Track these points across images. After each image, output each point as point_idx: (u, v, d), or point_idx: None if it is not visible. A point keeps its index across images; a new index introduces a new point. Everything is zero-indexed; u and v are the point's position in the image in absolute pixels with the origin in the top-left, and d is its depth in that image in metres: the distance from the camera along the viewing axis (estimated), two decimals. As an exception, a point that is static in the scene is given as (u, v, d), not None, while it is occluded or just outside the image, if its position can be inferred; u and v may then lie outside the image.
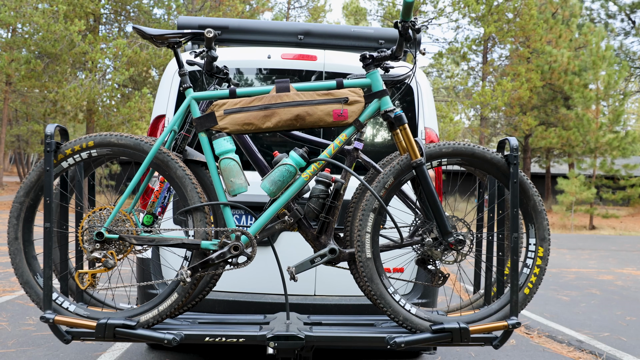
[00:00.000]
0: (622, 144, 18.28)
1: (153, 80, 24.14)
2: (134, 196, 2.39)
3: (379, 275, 2.24)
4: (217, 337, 2.23)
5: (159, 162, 2.28)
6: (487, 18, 18.14)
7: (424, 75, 3.39)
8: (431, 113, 3.24)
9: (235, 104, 2.20)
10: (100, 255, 2.20)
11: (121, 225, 2.24)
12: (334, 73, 3.15)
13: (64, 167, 2.26)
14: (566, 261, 10.14)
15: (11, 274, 6.69)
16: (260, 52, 3.20)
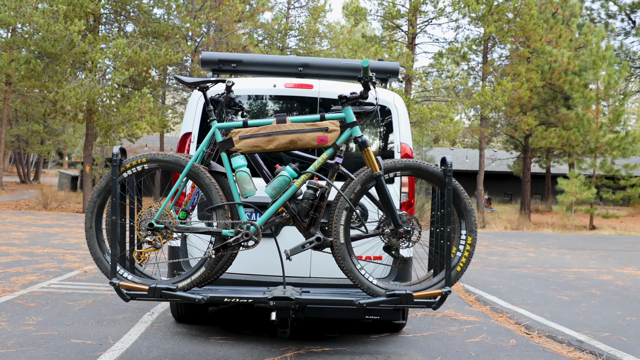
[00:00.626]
0: (622, 144, 18.27)
1: (153, 80, 24.14)
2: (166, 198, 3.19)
3: (350, 256, 3.06)
4: (233, 298, 3.05)
5: (193, 173, 3.06)
6: (487, 18, 18.13)
7: (400, 100, 4.09)
8: (406, 131, 4.06)
9: (247, 132, 3.05)
10: (151, 239, 3.04)
11: (165, 219, 3.06)
12: (327, 99, 3.81)
13: (124, 177, 3.10)
14: (566, 261, 10.14)
15: (11, 274, 6.68)
16: (267, 82, 3.96)
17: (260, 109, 4.06)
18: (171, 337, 4.19)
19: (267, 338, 4.26)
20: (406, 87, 20.36)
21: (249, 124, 3.08)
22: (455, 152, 38.36)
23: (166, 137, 35.19)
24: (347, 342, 4.22)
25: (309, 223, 3.11)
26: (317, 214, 3.09)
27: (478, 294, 6.48)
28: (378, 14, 21.10)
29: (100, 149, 27.29)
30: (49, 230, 12.16)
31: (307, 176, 3.08)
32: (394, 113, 4.02)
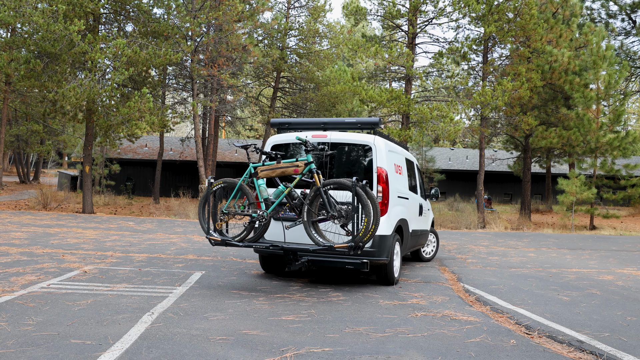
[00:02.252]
0: (623, 144, 18.26)
1: (153, 80, 24.12)
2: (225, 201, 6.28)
3: (309, 227, 5.67)
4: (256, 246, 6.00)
5: (240, 187, 6.00)
6: (488, 18, 18.11)
7: (379, 139, 6.60)
8: (382, 159, 6.46)
9: (263, 168, 5.89)
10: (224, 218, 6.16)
11: (230, 209, 6.13)
12: (334, 142, 6.62)
13: (213, 190, 6.06)
14: (567, 261, 10.13)
15: (11, 274, 6.67)
16: (304, 135, 6.62)
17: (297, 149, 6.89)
18: (171, 337, 4.19)
19: (267, 338, 4.26)
20: (406, 87, 20.35)
21: (265, 164, 6.03)
22: (456, 152, 38.35)
23: (166, 137, 35.21)
24: (347, 342, 4.21)
25: (299, 212, 5.90)
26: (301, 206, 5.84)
27: (478, 294, 6.47)
28: (378, 14, 21.09)
29: (100, 148, 27.29)
30: (49, 230, 12.16)
31: (289, 189, 5.85)
32: (374, 149, 6.51)
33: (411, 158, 8.38)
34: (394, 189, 6.67)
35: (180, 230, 13.77)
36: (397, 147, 7.46)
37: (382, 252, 6.32)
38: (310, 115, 28.55)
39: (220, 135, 36.68)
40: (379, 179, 6.36)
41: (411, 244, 7.86)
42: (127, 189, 29.15)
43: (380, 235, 6.24)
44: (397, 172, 6.97)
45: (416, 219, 8.01)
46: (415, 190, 8.23)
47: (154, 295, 5.77)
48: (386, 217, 6.38)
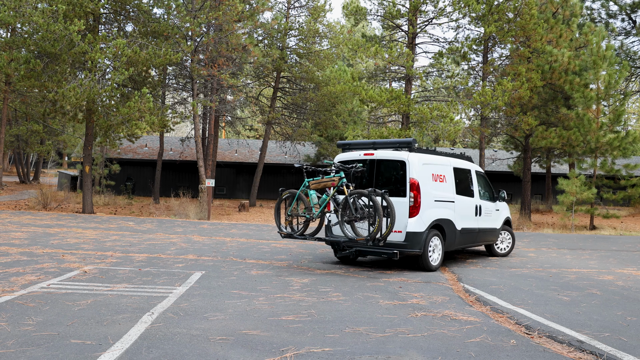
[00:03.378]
0: (623, 144, 18.25)
1: (152, 80, 24.11)
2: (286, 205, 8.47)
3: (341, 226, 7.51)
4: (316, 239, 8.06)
5: (299, 196, 8.11)
6: (488, 18, 18.11)
7: (412, 155, 7.97)
8: (414, 172, 7.85)
9: (313, 182, 7.93)
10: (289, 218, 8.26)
11: (293, 211, 8.18)
12: (380, 159, 8.21)
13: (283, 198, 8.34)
14: (567, 261, 10.13)
15: (11, 274, 6.67)
16: (357, 153, 8.47)
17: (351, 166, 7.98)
18: (171, 337, 4.19)
19: (267, 338, 4.25)
20: (406, 87, 20.35)
21: (314, 179, 7.92)
22: (456, 152, 38.32)
23: (166, 137, 35.21)
24: (347, 342, 4.21)
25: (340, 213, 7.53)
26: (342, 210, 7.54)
27: (478, 294, 6.47)
28: (378, 14, 21.08)
29: (100, 148, 27.29)
30: (49, 230, 12.16)
31: (330, 197, 7.71)
32: (407, 163, 7.92)
33: (464, 166, 9.35)
34: (429, 194, 8.03)
35: (180, 230, 13.77)
36: (440, 159, 8.67)
37: (414, 245, 7.75)
38: (310, 114, 28.58)
39: (220, 135, 36.69)
40: (411, 187, 7.81)
41: (464, 240, 8.95)
42: (127, 189, 29.14)
43: (411, 231, 7.72)
44: (435, 180, 8.28)
45: (471, 218, 9.06)
46: (471, 194, 9.23)
47: (154, 295, 5.77)
48: (417, 217, 7.81)
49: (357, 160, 8.34)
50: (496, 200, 10.17)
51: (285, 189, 8.35)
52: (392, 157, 8.10)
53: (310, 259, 9.27)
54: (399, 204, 7.80)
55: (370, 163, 8.24)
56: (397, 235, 7.76)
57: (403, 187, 7.86)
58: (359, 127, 28.91)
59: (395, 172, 8.11)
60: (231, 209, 25.23)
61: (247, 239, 12.15)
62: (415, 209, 7.76)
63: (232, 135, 45.46)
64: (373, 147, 8.47)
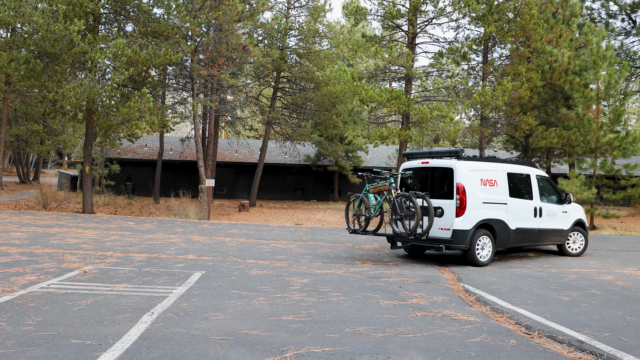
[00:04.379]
0: (623, 144, 18.24)
1: (152, 80, 24.11)
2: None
3: (393, 223, 9.14)
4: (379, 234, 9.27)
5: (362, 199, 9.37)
6: (488, 18, 18.10)
7: (460, 163, 9.04)
8: (461, 177, 8.87)
9: (372, 187, 9.24)
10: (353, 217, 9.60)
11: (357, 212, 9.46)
12: (435, 167, 9.43)
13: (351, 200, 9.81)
14: (567, 261, 10.13)
15: (11, 274, 6.67)
16: (416, 162, 9.83)
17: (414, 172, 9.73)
18: (171, 337, 4.19)
19: (267, 338, 4.25)
20: (406, 87, 20.34)
21: (372, 184, 9.23)
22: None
23: (166, 137, 35.20)
24: (347, 342, 4.21)
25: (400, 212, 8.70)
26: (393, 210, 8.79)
27: (478, 294, 6.47)
28: (378, 14, 21.08)
29: (100, 148, 27.29)
30: (49, 230, 12.15)
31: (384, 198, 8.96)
32: (455, 170, 8.98)
33: (522, 171, 10.16)
34: (476, 197, 9.03)
35: (180, 230, 13.77)
36: (491, 165, 9.64)
37: (460, 241, 8.79)
38: (310, 114, 28.59)
39: (220, 135, 36.68)
40: (457, 190, 8.87)
41: (520, 239, 9.76)
42: (127, 189, 29.14)
43: (457, 229, 8.79)
44: (483, 184, 9.25)
45: (528, 219, 9.88)
46: (529, 196, 10.07)
47: (154, 295, 5.77)
48: (463, 217, 8.84)
49: (416, 167, 9.72)
50: (563, 202, 10.76)
51: (353, 193, 9.87)
52: (442, 165, 9.31)
53: (310, 259, 9.27)
54: (447, 205, 8.95)
55: (426, 170, 9.58)
56: (445, 232, 8.88)
57: (451, 191, 8.96)
58: (359, 127, 28.91)
59: (445, 178, 9.23)
60: (231, 209, 25.23)
61: (247, 239, 12.15)
62: (461, 210, 8.83)
63: (232, 135, 45.46)
64: (429, 157, 9.70)
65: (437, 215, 8.90)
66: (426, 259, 9.89)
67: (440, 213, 8.91)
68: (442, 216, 8.93)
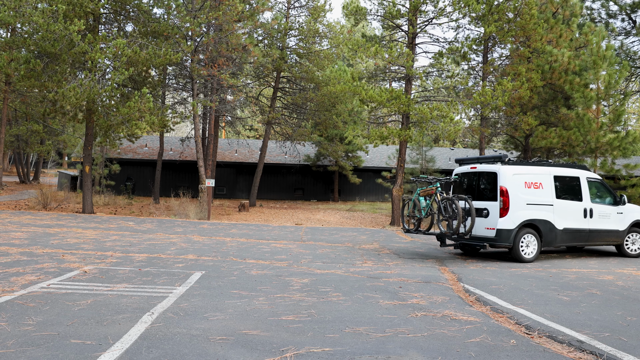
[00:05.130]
0: (623, 144, 18.24)
1: (152, 80, 24.11)
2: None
3: (438, 223, 9.65)
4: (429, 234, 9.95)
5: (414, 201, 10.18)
6: (488, 18, 18.09)
7: (503, 167, 9.76)
8: (504, 180, 9.60)
9: (421, 191, 9.98)
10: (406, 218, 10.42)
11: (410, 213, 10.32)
12: (482, 171, 10.17)
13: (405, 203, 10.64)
14: (566, 261, 10.13)
15: (11, 274, 6.66)
16: (466, 167, 10.61)
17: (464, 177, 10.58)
18: (171, 337, 4.18)
19: (267, 338, 4.25)
20: (406, 87, 20.34)
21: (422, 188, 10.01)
22: (456, 152, 38.31)
23: (166, 137, 35.20)
24: (347, 342, 4.21)
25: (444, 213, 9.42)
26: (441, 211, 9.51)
27: (478, 294, 6.47)
28: (378, 14, 21.07)
29: (100, 148, 27.28)
30: (49, 230, 12.15)
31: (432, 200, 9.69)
32: (498, 174, 9.72)
33: (571, 174, 10.56)
34: (519, 198, 9.66)
35: (180, 230, 13.77)
36: (536, 169, 10.14)
37: (503, 240, 9.49)
38: (310, 114, 28.59)
39: (220, 135, 36.68)
40: (501, 193, 9.59)
41: (569, 238, 10.19)
42: (127, 189, 29.14)
43: (500, 228, 9.50)
44: (528, 187, 9.84)
45: (577, 220, 10.30)
46: (578, 198, 10.51)
47: (154, 295, 5.77)
48: (506, 217, 9.53)
49: (466, 172, 10.52)
50: (618, 204, 11.05)
51: (408, 196, 10.92)
52: (488, 170, 10.05)
53: (310, 259, 9.27)
54: (492, 206, 9.71)
55: (474, 174, 10.37)
56: (490, 231, 9.62)
57: (495, 193, 9.71)
58: (359, 127, 28.90)
59: (490, 181, 9.98)
60: (231, 209, 25.23)
61: (247, 239, 12.15)
62: (505, 211, 9.54)
63: (232, 135, 45.45)
64: (478, 162, 10.47)
65: (483, 215, 9.74)
66: (427, 259, 9.89)
67: (486, 214, 9.73)
68: (488, 217, 9.72)
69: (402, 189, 19.97)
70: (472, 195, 10.13)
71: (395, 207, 19.54)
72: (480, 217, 9.81)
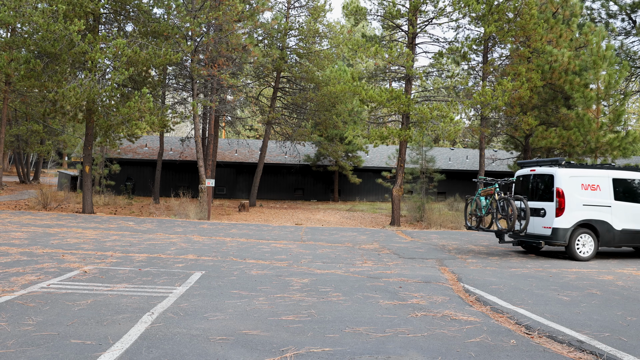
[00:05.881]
0: (623, 144, 18.25)
1: (152, 80, 24.11)
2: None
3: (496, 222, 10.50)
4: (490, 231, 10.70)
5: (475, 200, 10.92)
6: (488, 17, 18.09)
7: (560, 170, 10.36)
8: (560, 182, 10.22)
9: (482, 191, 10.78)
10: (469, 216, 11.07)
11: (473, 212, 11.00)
12: (538, 173, 10.86)
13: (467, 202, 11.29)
14: (566, 261, 10.13)
15: (11, 274, 6.66)
16: (527, 169, 11.23)
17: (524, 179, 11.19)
18: (171, 337, 4.19)
19: (267, 338, 4.25)
20: (406, 87, 20.34)
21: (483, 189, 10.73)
22: (456, 152, 38.32)
23: (166, 137, 35.20)
24: (347, 342, 4.21)
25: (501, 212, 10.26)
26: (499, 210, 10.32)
27: (478, 294, 6.47)
28: (378, 14, 21.07)
29: (100, 148, 27.28)
30: (49, 230, 12.15)
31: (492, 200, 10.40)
32: (555, 176, 10.30)
33: (632, 177, 10.89)
34: (575, 200, 10.20)
35: (180, 230, 13.77)
36: (593, 172, 10.59)
37: (558, 238, 10.07)
38: (310, 114, 28.58)
39: (220, 135, 36.68)
40: (557, 194, 10.19)
41: (628, 239, 10.55)
42: (127, 189, 29.14)
43: (556, 227, 10.10)
44: (584, 189, 10.33)
45: (636, 221, 10.60)
46: (637, 200, 10.75)
47: (154, 295, 5.77)
48: (562, 217, 10.10)
49: (526, 174, 11.10)
50: None
51: (470, 196, 11.50)
52: (545, 172, 10.64)
53: (310, 259, 9.27)
54: (549, 206, 10.31)
55: (534, 176, 10.93)
56: (547, 230, 10.25)
57: (552, 194, 10.29)
58: (359, 127, 28.90)
59: (548, 183, 10.52)
60: (231, 209, 25.23)
61: (247, 239, 12.15)
62: (560, 211, 10.12)
63: (232, 135, 45.46)
64: (537, 165, 11.11)
65: (540, 215, 10.37)
66: (427, 259, 9.89)
67: (543, 213, 10.34)
68: (545, 216, 10.32)
69: (402, 188, 19.97)
70: (532, 196, 10.74)
71: (395, 207, 19.54)
72: (538, 217, 10.42)
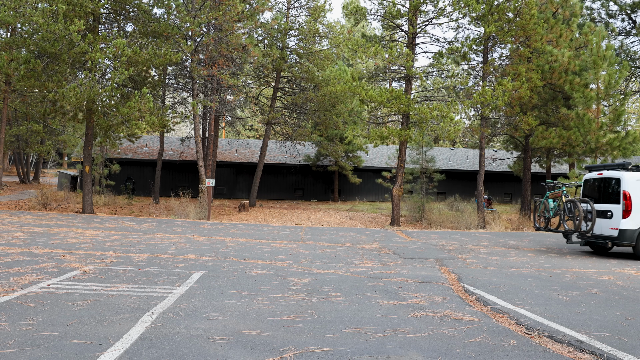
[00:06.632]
0: (623, 144, 18.24)
1: (153, 80, 24.11)
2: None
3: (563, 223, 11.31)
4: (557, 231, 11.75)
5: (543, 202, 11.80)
6: (488, 17, 18.09)
7: (627, 174, 10.71)
8: (627, 185, 10.61)
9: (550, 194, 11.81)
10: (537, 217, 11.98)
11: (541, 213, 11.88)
12: (607, 177, 11.16)
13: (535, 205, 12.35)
14: (566, 261, 10.13)
15: (11, 274, 6.66)
16: (594, 173, 11.64)
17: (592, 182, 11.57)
18: (171, 337, 4.19)
19: (267, 338, 4.25)
20: (406, 87, 20.34)
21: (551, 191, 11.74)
22: (456, 152, 38.32)
23: (166, 137, 35.19)
24: (347, 342, 4.21)
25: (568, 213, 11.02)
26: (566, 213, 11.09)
27: (478, 294, 6.47)
28: (378, 14, 21.07)
29: (100, 148, 27.28)
30: (49, 230, 12.15)
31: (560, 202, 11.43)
32: (622, 179, 10.65)
33: None
34: None
35: (180, 230, 13.77)
36: None
37: (625, 239, 10.47)
38: (310, 114, 28.59)
39: (220, 135, 36.68)
40: (623, 197, 10.58)
41: None
42: (127, 189, 29.14)
43: (622, 229, 10.48)
44: None
45: None
46: None
47: (154, 295, 5.77)
48: (628, 219, 10.48)
49: (594, 178, 11.51)
50: None
51: (539, 198, 11.99)
52: (612, 176, 11.02)
53: (310, 259, 9.27)
54: (616, 209, 10.68)
55: (601, 180, 11.33)
56: (614, 231, 10.62)
57: (618, 197, 10.69)
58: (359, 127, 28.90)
59: (615, 186, 10.90)
60: (231, 209, 25.23)
61: (247, 239, 12.15)
62: (627, 213, 10.53)
63: (232, 135, 45.46)
64: (604, 169, 11.48)
65: (607, 217, 10.79)
66: (427, 259, 9.89)
67: (610, 215, 10.73)
68: (612, 218, 10.70)
69: (402, 188, 19.96)
70: (599, 199, 11.14)
71: (395, 207, 19.54)
72: (605, 218, 10.84)
